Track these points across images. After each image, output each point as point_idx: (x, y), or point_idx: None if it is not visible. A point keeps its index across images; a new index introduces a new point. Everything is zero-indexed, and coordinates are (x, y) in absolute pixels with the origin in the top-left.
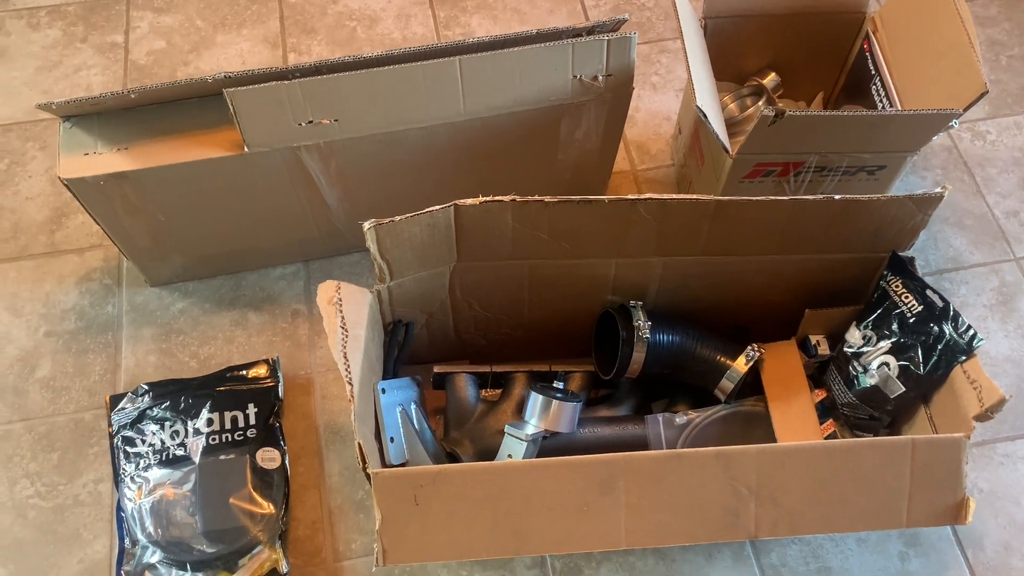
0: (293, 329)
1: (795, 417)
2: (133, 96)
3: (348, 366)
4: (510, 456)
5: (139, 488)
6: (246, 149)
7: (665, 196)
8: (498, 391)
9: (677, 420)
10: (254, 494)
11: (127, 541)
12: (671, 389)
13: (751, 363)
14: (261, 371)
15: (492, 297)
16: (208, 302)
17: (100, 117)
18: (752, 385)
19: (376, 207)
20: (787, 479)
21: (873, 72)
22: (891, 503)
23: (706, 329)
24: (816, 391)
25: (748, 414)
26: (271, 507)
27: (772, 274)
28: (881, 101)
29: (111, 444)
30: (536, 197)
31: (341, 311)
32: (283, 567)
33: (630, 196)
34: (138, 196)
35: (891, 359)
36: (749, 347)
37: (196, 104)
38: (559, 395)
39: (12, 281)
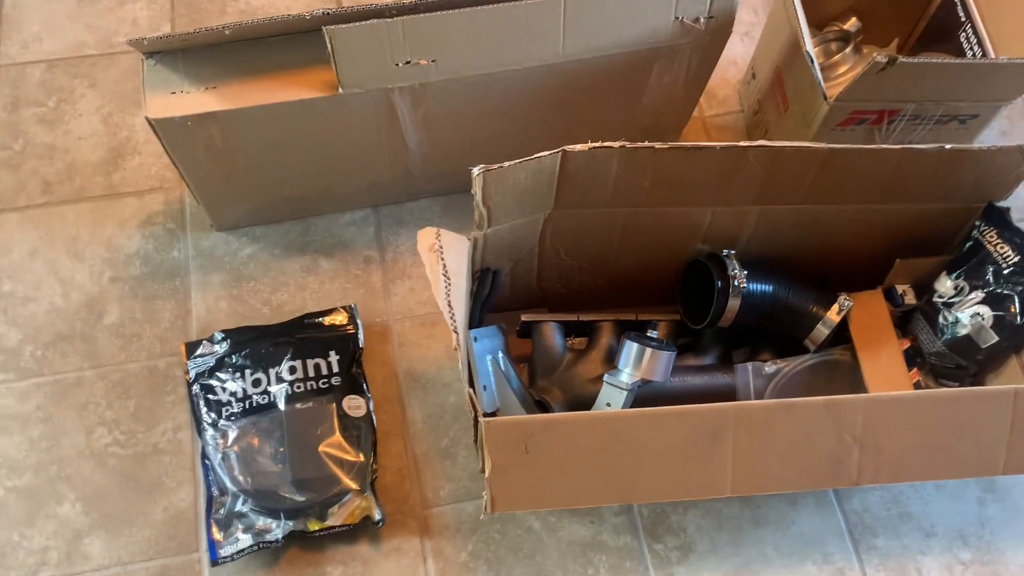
0: (366, 276)
1: (885, 366)
2: (227, 32)
3: (453, 314)
4: (608, 405)
5: (223, 436)
6: (340, 90)
7: (777, 144)
8: (582, 339)
9: (766, 369)
10: (342, 442)
11: (214, 489)
12: (754, 338)
13: (844, 313)
14: (339, 318)
15: (581, 246)
16: (277, 247)
17: (184, 54)
18: (836, 334)
19: (456, 152)
20: (891, 427)
21: (963, 19)
22: (990, 451)
23: (794, 278)
24: (901, 340)
25: (835, 363)
26: (360, 455)
27: (865, 224)
28: (972, 48)
29: (189, 392)
30: (646, 143)
31: (442, 258)
32: (376, 515)
33: (741, 143)
34: (223, 137)
35: (985, 309)
36: (841, 297)
37: (284, 42)
38: (655, 343)
39: (71, 224)
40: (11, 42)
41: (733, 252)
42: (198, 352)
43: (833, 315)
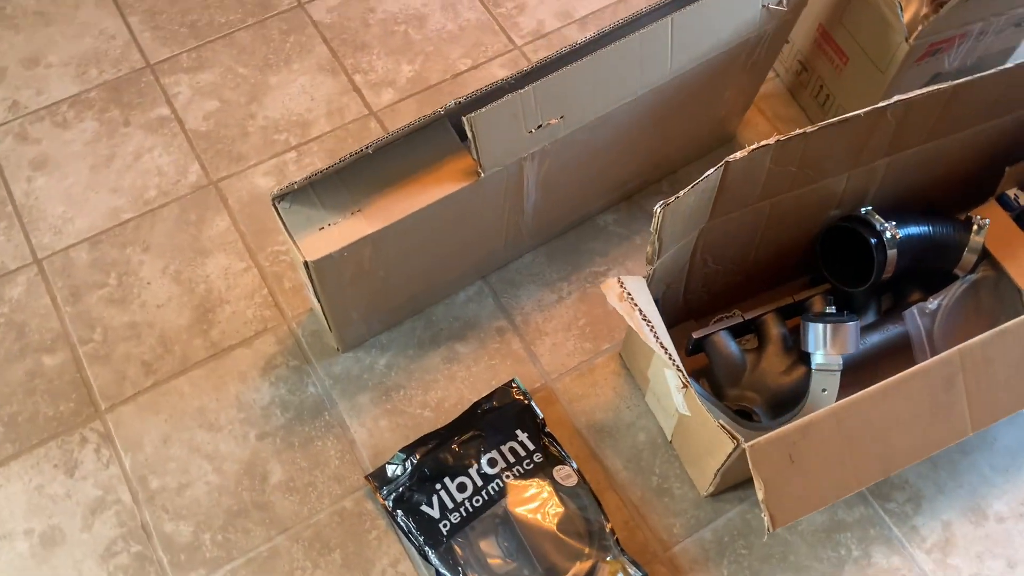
0: (506, 346)
1: None
2: (371, 151)
3: (669, 353)
4: (824, 391)
5: (451, 552)
6: (481, 174)
7: (911, 95)
8: (748, 337)
9: (929, 307)
10: (572, 515)
11: None
12: (896, 284)
13: (983, 232)
14: (508, 396)
15: (726, 249)
16: (409, 348)
17: (314, 187)
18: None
19: (564, 200)
20: None
21: None
22: None
23: (930, 214)
24: None
25: (983, 281)
26: (593, 521)
27: (973, 145)
28: None
29: (393, 521)
30: (797, 131)
31: (636, 304)
32: (633, 573)
33: (880, 104)
34: (373, 257)
35: None
36: (975, 218)
37: (402, 144)
38: (837, 317)
39: (191, 396)
40: (41, 232)
41: (871, 208)
42: (387, 478)
43: (977, 238)
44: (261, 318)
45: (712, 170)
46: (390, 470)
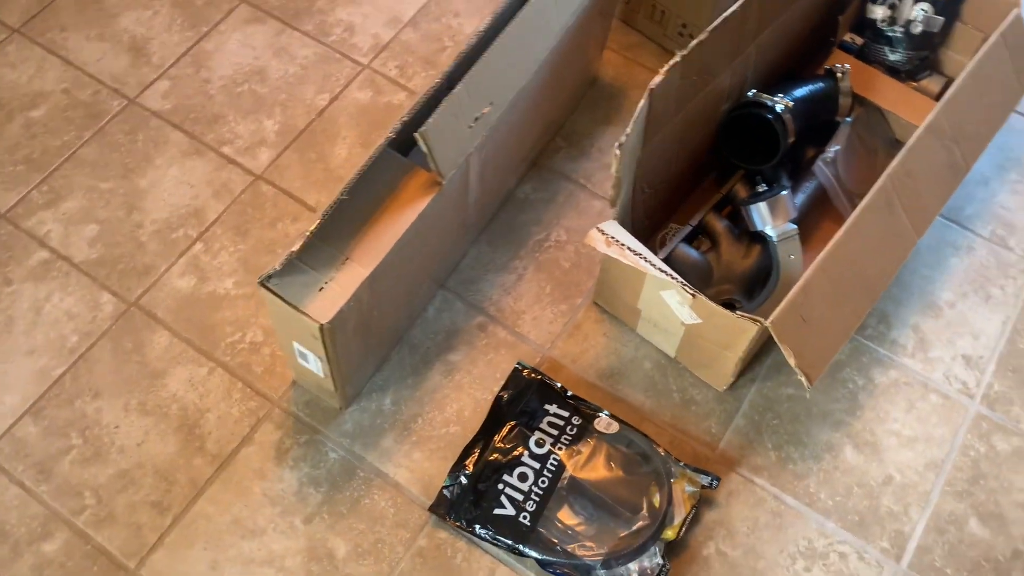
0: (494, 338)
1: (896, 95)
2: (346, 197)
3: (670, 274)
4: (792, 256)
5: (540, 539)
6: (443, 182)
7: None
8: (698, 240)
9: (829, 155)
10: (626, 456)
11: None
12: (793, 149)
13: (847, 75)
14: (521, 379)
15: (657, 172)
16: (407, 378)
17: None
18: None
19: (495, 182)
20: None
21: None
22: (1011, 86)
23: (799, 79)
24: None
25: (857, 119)
26: (650, 450)
27: (812, 7)
28: None
29: (474, 536)
30: (694, 41)
31: (622, 244)
32: (702, 481)
33: None
34: (370, 298)
35: (923, 4)
36: (835, 67)
37: (358, 185)
38: (772, 192)
39: (218, 515)
40: None
41: (755, 90)
42: (449, 501)
43: (844, 83)
44: (249, 411)
45: (642, 102)
46: (448, 493)
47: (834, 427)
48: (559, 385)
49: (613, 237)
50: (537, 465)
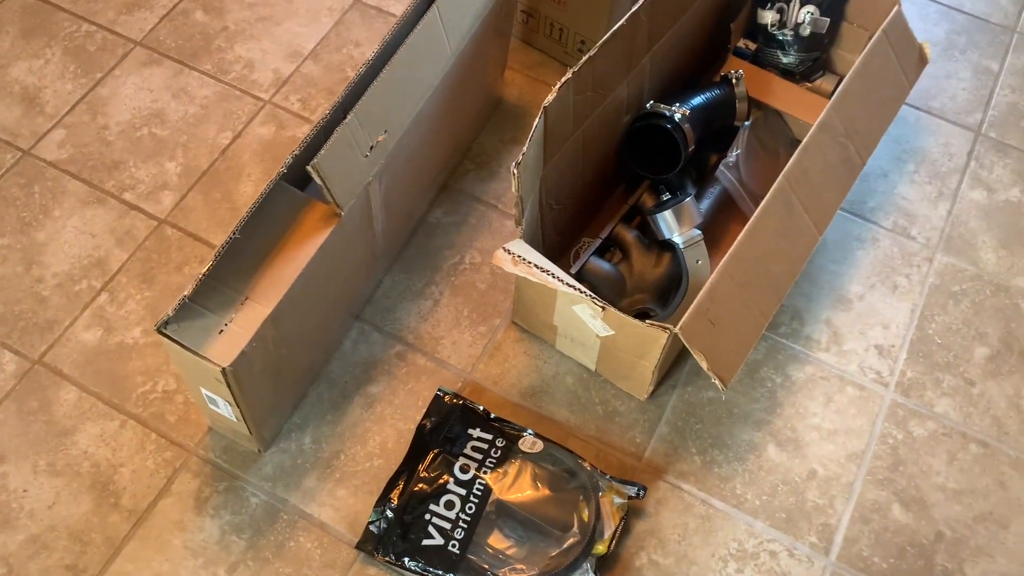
0: (414, 367)
1: (792, 97)
2: (239, 236)
3: (579, 289)
4: (698, 261)
5: (471, 566)
6: (342, 213)
7: None
8: (610, 252)
9: (731, 160)
10: (553, 474)
11: None
12: (695, 157)
13: (742, 81)
14: (443, 406)
15: (562, 187)
16: (326, 415)
17: (191, 300)
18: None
19: (401, 208)
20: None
21: None
22: (899, 81)
23: (697, 87)
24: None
25: (756, 123)
26: (576, 466)
27: (703, 14)
28: None
29: (404, 571)
30: (584, 57)
31: (529, 262)
32: (629, 492)
33: (633, 8)
34: (276, 336)
35: (809, 7)
36: (729, 74)
37: (252, 222)
38: (676, 200)
39: (138, 573)
40: None
41: (652, 101)
42: (376, 536)
43: (740, 88)
44: (165, 462)
45: (537, 119)
46: (374, 528)
47: (756, 427)
48: (482, 408)
49: (520, 256)
50: (463, 491)
